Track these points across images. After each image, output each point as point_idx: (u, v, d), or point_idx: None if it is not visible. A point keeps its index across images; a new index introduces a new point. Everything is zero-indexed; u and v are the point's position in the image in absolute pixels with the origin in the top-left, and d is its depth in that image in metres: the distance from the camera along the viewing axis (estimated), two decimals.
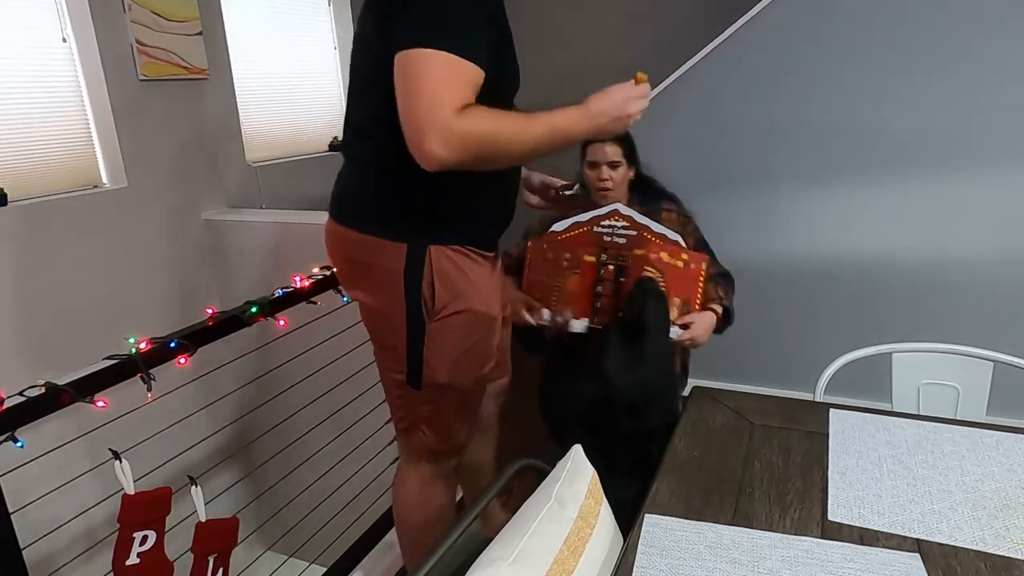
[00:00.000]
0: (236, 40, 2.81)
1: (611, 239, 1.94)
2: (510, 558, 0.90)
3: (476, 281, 1.42)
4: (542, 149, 1.28)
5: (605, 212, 1.95)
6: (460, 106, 1.17)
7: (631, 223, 1.92)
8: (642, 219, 1.92)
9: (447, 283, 1.38)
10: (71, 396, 1.26)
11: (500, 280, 1.58)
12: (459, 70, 1.18)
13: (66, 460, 1.45)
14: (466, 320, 1.42)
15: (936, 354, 1.69)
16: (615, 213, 1.94)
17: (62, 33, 2.26)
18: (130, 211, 2.40)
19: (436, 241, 1.37)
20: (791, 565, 1.02)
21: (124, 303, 2.39)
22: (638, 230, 1.91)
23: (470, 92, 1.19)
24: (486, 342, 1.48)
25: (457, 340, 1.43)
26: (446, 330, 1.41)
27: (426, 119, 1.16)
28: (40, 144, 2.23)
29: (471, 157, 1.20)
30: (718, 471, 1.28)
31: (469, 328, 1.43)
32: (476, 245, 1.42)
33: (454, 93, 1.17)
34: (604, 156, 1.94)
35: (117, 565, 1.38)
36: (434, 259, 1.37)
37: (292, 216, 2.52)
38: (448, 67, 1.17)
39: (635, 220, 1.92)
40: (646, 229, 1.91)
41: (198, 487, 1.47)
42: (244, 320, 1.63)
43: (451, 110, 1.16)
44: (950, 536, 1.07)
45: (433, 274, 1.37)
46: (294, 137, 3.27)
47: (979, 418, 1.60)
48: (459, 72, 1.18)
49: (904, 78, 2.49)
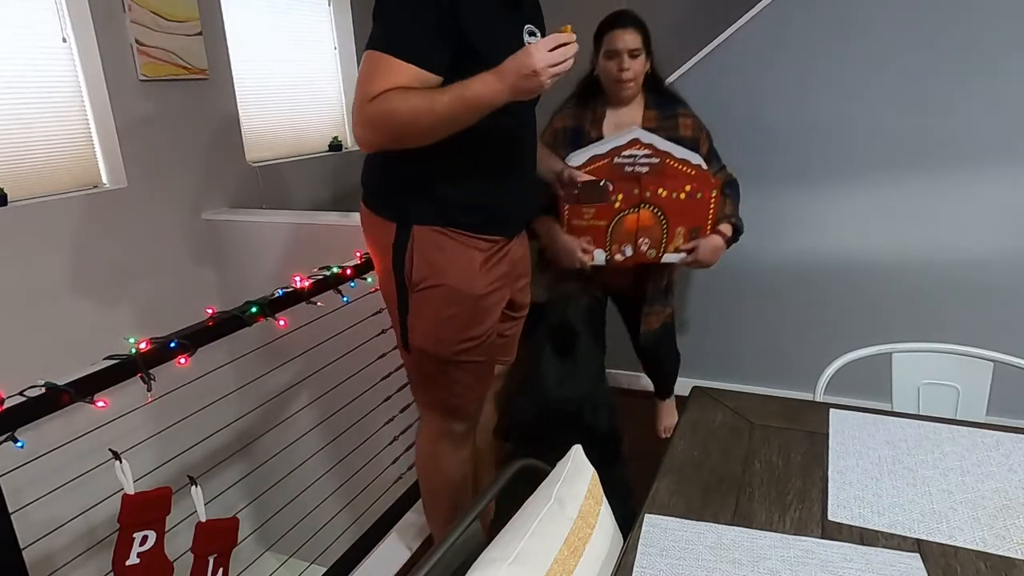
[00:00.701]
0: (236, 40, 2.81)
1: (633, 169, 1.89)
2: (510, 558, 0.90)
3: (455, 260, 1.57)
4: (457, 118, 1.37)
5: (625, 141, 1.88)
6: (376, 94, 1.34)
7: (653, 150, 1.87)
8: (664, 144, 1.86)
9: (426, 259, 1.56)
10: (71, 396, 1.26)
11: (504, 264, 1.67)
12: (385, 67, 1.36)
13: (66, 460, 1.45)
14: (442, 294, 1.58)
15: (936, 354, 1.68)
16: (636, 142, 1.87)
17: (62, 33, 2.26)
18: (130, 211, 2.40)
19: (419, 222, 1.55)
20: (791, 565, 1.01)
21: (124, 303, 2.39)
22: (660, 157, 1.87)
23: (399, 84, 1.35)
24: (464, 318, 1.61)
25: (433, 311, 1.60)
26: (424, 301, 1.60)
27: (353, 108, 1.40)
28: (40, 144, 2.23)
29: (386, 134, 1.39)
30: (718, 471, 1.28)
31: (445, 302, 1.59)
32: (460, 227, 1.57)
33: (375, 84, 1.35)
34: (624, 44, 1.83)
35: (117, 565, 1.38)
36: (416, 237, 1.56)
37: (292, 216, 2.52)
38: (376, 64, 1.37)
39: (656, 147, 1.87)
40: (668, 156, 1.88)
41: (198, 487, 1.47)
42: (244, 320, 1.63)
43: (366, 98, 1.36)
44: (950, 536, 1.07)
45: (414, 251, 1.56)
46: (294, 137, 3.27)
47: (979, 418, 1.60)
48: (384, 68, 1.36)
49: (904, 78, 2.49)
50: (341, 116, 3.57)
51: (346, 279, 1.91)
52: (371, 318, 2.22)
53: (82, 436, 1.47)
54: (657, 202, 1.95)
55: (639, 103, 2.03)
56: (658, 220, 2.01)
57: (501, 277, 1.67)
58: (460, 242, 1.58)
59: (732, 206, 2.08)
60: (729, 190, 2.08)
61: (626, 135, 1.88)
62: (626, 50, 1.83)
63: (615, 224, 2.02)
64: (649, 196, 1.95)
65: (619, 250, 2.05)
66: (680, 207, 1.96)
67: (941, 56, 2.44)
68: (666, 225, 2.01)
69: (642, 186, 1.95)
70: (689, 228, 1.99)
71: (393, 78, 1.35)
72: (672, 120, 1.94)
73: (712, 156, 2.09)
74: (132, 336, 1.42)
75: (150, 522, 1.41)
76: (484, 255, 1.62)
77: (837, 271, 2.76)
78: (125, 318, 2.38)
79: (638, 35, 1.85)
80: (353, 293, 2.01)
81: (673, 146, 1.89)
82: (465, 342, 1.63)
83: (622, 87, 1.88)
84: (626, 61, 1.84)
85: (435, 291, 1.58)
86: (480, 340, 1.65)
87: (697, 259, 2.01)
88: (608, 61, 1.87)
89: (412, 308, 1.62)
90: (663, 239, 2.05)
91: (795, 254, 2.78)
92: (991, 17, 2.36)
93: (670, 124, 1.95)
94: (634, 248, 2.06)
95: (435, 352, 1.64)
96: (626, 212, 1.99)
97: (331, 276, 1.86)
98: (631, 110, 2.04)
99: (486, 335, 1.66)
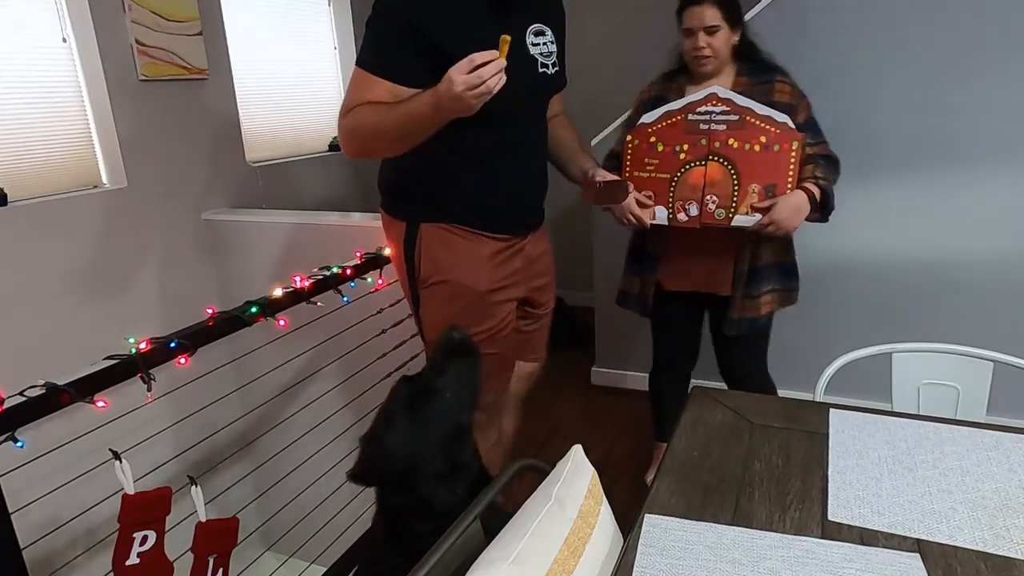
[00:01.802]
0: (236, 40, 2.81)
1: (708, 127, 1.77)
2: (510, 558, 0.90)
3: (461, 256, 1.64)
4: (410, 131, 1.46)
5: (701, 97, 1.78)
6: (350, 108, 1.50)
7: (732, 107, 1.75)
8: (744, 101, 1.75)
9: (432, 256, 1.65)
10: (71, 396, 1.26)
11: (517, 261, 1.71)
12: (363, 81, 1.50)
13: (66, 460, 1.45)
14: (448, 290, 1.66)
15: (936, 354, 1.68)
16: (712, 97, 1.76)
17: (62, 33, 2.26)
18: (130, 211, 2.40)
19: (427, 220, 1.64)
20: (791, 565, 1.01)
21: (124, 303, 2.39)
22: (740, 114, 1.74)
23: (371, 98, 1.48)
24: (471, 312, 1.66)
25: (441, 306, 1.68)
26: (432, 297, 1.69)
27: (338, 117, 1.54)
28: (40, 144, 2.23)
29: (357, 145, 1.55)
30: (718, 471, 1.28)
31: (451, 297, 1.66)
32: (466, 224, 1.63)
33: (350, 98, 1.51)
34: (699, 21, 1.76)
35: (117, 565, 1.38)
36: (424, 235, 1.64)
37: (292, 216, 2.52)
38: (356, 79, 1.53)
39: (735, 103, 1.75)
40: (749, 112, 1.74)
41: (198, 487, 1.47)
42: (244, 320, 1.63)
43: (343, 111, 1.52)
44: (950, 536, 1.07)
45: (421, 248, 1.65)
46: (294, 137, 3.27)
47: (979, 418, 1.60)
48: (362, 82, 1.51)
49: (904, 78, 2.49)
50: None
51: (346, 279, 1.91)
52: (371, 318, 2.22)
53: (82, 436, 1.47)
54: (727, 154, 1.75)
55: (729, 73, 1.90)
56: (728, 175, 1.78)
57: (512, 274, 1.71)
58: (467, 239, 1.64)
59: (826, 175, 1.82)
60: (824, 162, 1.85)
61: (702, 92, 1.78)
62: (701, 27, 1.76)
63: (680, 178, 1.83)
64: (719, 147, 1.76)
65: (683, 208, 1.84)
66: (754, 161, 1.74)
67: (941, 56, 2.44)
68: (737, 181, 1.78)
69: (711, 137, 1.78)
70: (764, 185, 1.75)
71: (368, 92, 1.49)
72: (767, 86, 1.80)
73: (809, 127, 1.87)
74: (132, 336, 1.42)
75: (150, 522, 1.41)
76: (493, 252, 1.67)
77: (837, 271, 2.76)
78: (125, 318, 2.38)
79: (717, 10, 1.76)
80: (353, 293, 2.01)
81: (754, 104, 1.74)
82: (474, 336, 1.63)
83: (700, 64, 1.81)
84: (701, 38, 1.77)
85: (442, 287, 1.66)
86: (489, 334, 1.69)
87: (774, 220, 1.75)
88: (686, 39, 1.81)
89: (422, 303, 1.70)
90: (734, 197, 1.79)
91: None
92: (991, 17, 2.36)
93: (764, 89, 1.81)
94: (700, 207, 1.83)
95: None
96: (692, 164, 1.80)
97: (331, 276, 1.86)
98: (719, 80, 1.90)
99: (495, 330, 1.71)
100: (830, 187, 1.79)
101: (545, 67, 1.66)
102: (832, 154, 1.87)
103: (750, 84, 1.86)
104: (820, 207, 1.81)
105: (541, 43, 1.64)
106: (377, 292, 2.11)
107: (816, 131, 1.89)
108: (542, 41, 1.64)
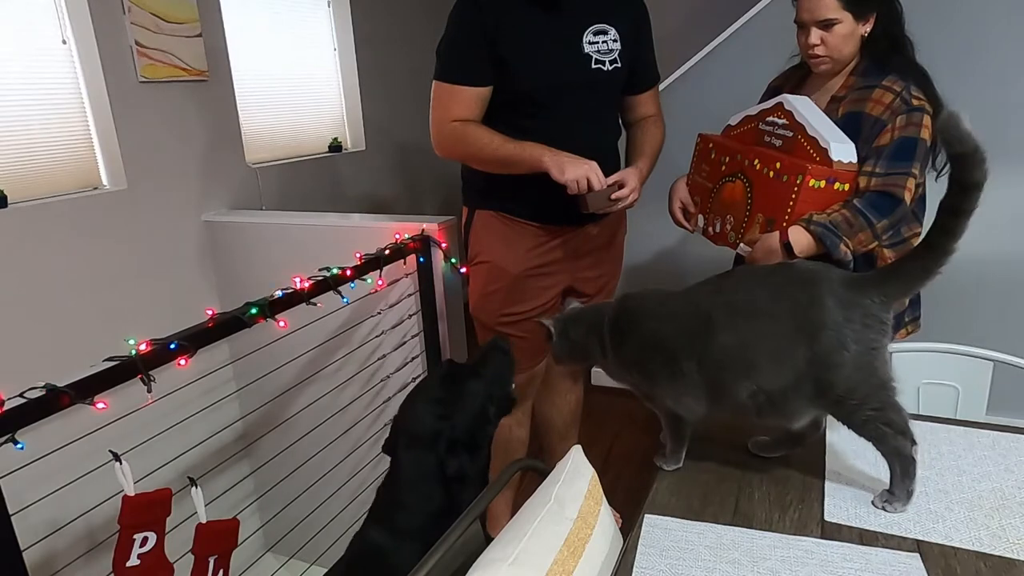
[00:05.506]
0: (236, 42, 2.81)
1: (771, 140, 1.57)
2: (510, 559, 0.90)
3: (502, 240, 1.84)
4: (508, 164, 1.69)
5: (771, 105, 1.57)
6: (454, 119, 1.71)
7: (790, 120, 1.50)
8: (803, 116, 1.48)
9: (478, 238, 1.88)
10: (71, 398, 1.26)
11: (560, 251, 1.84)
12: (448, 93, 1.71)
13: (66, 462, 1.45)
14: (487, 269, 1.87)
15: (936, 354, 1.69)
16: (779, 107, 1.54)
17: (62, 35, 2.26)
18: (130, 213, 2.40)
19: (481, 206, 1.86)
20: (791, 565, 1.02)
21: (124, 304, 2.39)
22: (794, 131, 1.49)
23: (456, 106, 1.70)
24: (504, 293, 1.85)
25: (480, 283, 1.90)
26: (476, 274, 1.91)
27: (431, 126, 1.77)
28: (40, 146, 2.23)
29: (458, 152, 1.76)
30: (718, 471, 1.28)
31: (489, 276, 1.87)
32: (510, 213, 1.82)
33: (449, 111, 1.71)
34: (810, 14, 1.47)
35: (117, 567, 1.38)
36: (476, 219, 1.88)
37: (292, 218, 2.52)
38: (440, 91, 1.73)
39: (794, 118, 1.50)
40: (801, 130, 1.47)
41: (198, 488, 1.47)
42: (244, 321, 1.63)
43: (444, 120, 1.72)
44: (946, 536, 1.08)
45: (472, 230, 1.89)
46: (294, 139, 3.27)
47: (979, 418, 1.60)
48: (449, 93, 1.71)
49: None
50: (341, 117, 3.57)
51: (346, 280, 1.91)
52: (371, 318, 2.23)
53: (82, 438, 1.47)
54: (750, 174, 1.58)
55: (847, 71, 1.61)
56: (745, 198, 1.62)
57: (553, 263, 1.86)
58: (509, 226, 1.83)
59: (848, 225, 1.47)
60: (863, 204, 1.48)
61: (773, 100, 1.57)
62: (812, 21, 1.48)
63: (717, 190, 1.70)
64: (747, 166, 1.59)
65: (711, 221, 1.74)
66: (765, 187, 1.55)
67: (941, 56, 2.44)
68: (750, 206, 1.61)
69: (745, 154, 1.60)
70: (767, 218, 1.55)
71: (458, 100, 1.70)
72: (866, 91, 1.50)
73: (888, 153, 1.49)
74: (132, 337, 1.42)
75: (150, 523, 1.41)
76: (534, 240, 1.83)
77: None
78: (125, 319, 2.38)
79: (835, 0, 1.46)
80: (353, 294, 2.01)
81: (815, 118, 1.47)
82: (506, 315, 1.87)
83: (814, 64, 1.53)
84: (813, 34, 1.48)
85: (483, 266, 1.88)
86: (521, 316, 1.86)
87: (754, 259, 1.57)
88: (798, 32, 1.53)
89: (470, 278, 1.94)
90: (743, 222, 1.63)
91: None
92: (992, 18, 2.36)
93: (861, 96, 1.52)
94: (721, 226, 1.71)
95: (482, 320, 1.93)
96: (728, 179, 1.66)
97: (331, 277, 1.86)
98: (837, 79, 1.62)
99: (528, 313, 1.85)
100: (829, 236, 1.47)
101: (601, 63, 1.73)
102: (888, 193, 1.47)
103: (854, 87, 1.57)
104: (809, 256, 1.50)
105: (600, 41, 1.73)
106: (376, 292, 2.12)
107: (897, 159, 1.48)
108: (601, 40, 1.73)
